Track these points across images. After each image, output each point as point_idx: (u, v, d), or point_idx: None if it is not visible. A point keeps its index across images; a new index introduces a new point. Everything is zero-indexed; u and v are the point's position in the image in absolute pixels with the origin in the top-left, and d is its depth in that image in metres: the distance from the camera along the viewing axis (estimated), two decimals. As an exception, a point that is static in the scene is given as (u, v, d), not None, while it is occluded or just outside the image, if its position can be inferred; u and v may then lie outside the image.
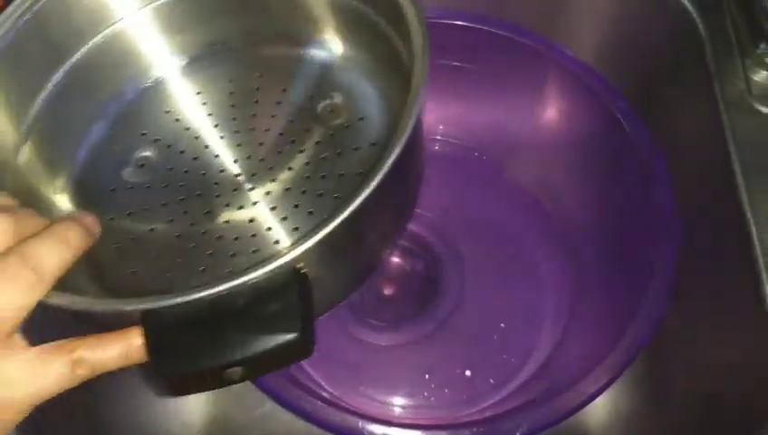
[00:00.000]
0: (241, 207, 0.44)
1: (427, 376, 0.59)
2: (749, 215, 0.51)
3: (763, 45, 0.55)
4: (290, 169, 0.45)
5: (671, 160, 0.61)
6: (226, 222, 0.43)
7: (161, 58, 0.50)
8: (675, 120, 0.62)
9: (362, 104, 0.46)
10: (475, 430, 0.45)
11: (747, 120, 0.54)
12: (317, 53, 0.49)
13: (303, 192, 0.43)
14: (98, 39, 0.47)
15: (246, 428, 0.45)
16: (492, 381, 0.59)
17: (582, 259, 0.61)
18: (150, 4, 0.48)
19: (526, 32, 0.58)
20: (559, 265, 0.63)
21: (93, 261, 0.41)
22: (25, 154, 0.44)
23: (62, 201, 0.46)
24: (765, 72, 0.56)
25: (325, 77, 0.48)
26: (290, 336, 0.31)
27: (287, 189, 0.44)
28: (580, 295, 0.59)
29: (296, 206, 0.43)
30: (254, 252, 0.42)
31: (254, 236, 0.42)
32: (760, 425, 0.47)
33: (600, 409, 0.60)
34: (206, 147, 0.47)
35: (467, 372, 0.59)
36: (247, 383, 0.45)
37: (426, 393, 0.58)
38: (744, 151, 0.53)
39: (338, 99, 0.47)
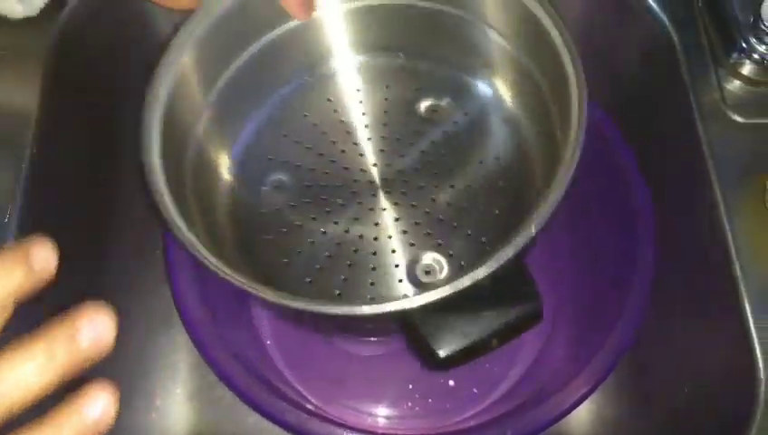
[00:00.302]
0: (376, 224, 0.48)
1: (410, 386, 0.59)
2: (725, 223, 0.51)
3: (735, 55, 0.56)
4: (425, 190, 0.49)
5: (647, 171, 0.62)
6: (361, 236, 0.47)
7: (330, 57, 0.53)
8: (650, 130, 0.63)
9: (499, 144, 0.50)
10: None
11: (722, 129, 0.55)
12: (475, 84, 0.52)
13: (440, 219, 0.48)
14: (279, 31, 0.50)
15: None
16: (475, 390, 0.59)
17: (563, 266, 0.62)
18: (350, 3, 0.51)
19: None
20: (539, 272, 0.63)
21: (254, 255, 0.46)
22: (205, 124, 0.48)
23: (227, 184, 0.50)
24: (739, 81, 0.56)
25: (473, 110, 0.51)
26: (534, 304, 0.38)
27: (423, 208, 0.48)
28: (561, 301, 0.60)
29: (428, 232, 0.47)
30: (396, 266, 0.46)
31: (394, 252, 0.47)
32: (740, 430, 0.47)
33: (584, 417, 0.61)
34: (333, 161, 0.50)
35: (450, 382, 0.59)
36: (232, 396, 0.46)
37: (410, 403, 0.59)
38: (720, 160, 0.53)
39: (477, 132, 0.51)
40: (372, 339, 0.59)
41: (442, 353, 0.37)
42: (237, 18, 0.47)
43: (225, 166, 0.50)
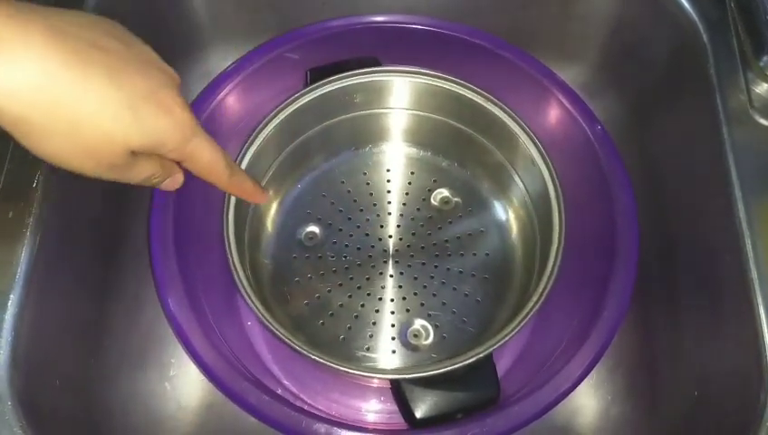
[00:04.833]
0: (382, 287, 0.58)
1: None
2: (745, 227, 0.51)
3: (765, 58, 0.55)
4: (426, 267, 0.58)
5: (669, 170, 0.62)
6: (369, 294, 0.57)
7: (373, 141, 0.64)
8: (675, 130, 0.62)
9: (492, 244, 0.60)
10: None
11: (747, 133, 0.54)
12: (485, 197, 0.62)
13: (434, 295, 0.57)
14: (340, 118, 0.60)
15: (240, 413, 0.46)
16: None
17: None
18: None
19: (513, 48, 0.59)
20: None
21: (295, 316, 0.56)
22: (266, 182, 0.59)
23: (271, 227, 0.60)
24: (767, 84, 0.56)
25: (477, 211, 0.62)
26: (493, 394, 0.47)
27: (422, 282, 0.58)
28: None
29: (422, 303, 0.57)
30: (392, 326, 0.56)
31: (392, 313, 0.57)
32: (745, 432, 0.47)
33: (591, 415, 0.61)
34: (358, 226, 0.60)
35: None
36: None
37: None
38: (743, 163, 0.53)
39: (477, 229, 0.60)
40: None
41: (418, 415, 0.46)
42: (311, 110, 0.57)
43: (273, 213, 0.61)
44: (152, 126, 0.38)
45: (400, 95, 0.59)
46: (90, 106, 0.36)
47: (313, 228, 0.60)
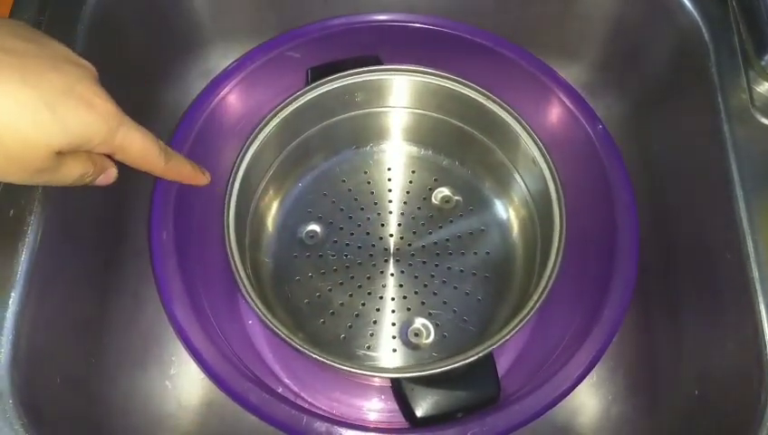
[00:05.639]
0: (383, 286, 0.58)
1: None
2: (745, 226, 0.51)
3: (767, 57, 0.55)
4: (427, 266, 0.58)
5: (670, 170, 0.62)
6: (370, 293, 0.57)
7: (373, 140, 0.64)
8: (676, 129, 0.62)
9: (492, 243, 0.60)
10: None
11: (748, 131, 0.54)
12: (486, 195, 0.62)
13: (435, 293, 0.57)
14: (340, 117, 0.60)
15: (241, 412, 0.46)
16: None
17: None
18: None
19: (514, 46, 0.58)
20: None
21: (296, 314, 0.57)
22: (266, 180, 0.59)
23: (272, 226, 0.61)
24: (768, 84, 0.56)
25: (477, 209, 0.62)
26: (493, 393, 0.47)
27: (423, 281, 0.58)
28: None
29: (423, 302, 0.57)
30: (393, 325, 0.56)
31: (393, 312, 0.57)
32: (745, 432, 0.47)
33: (591, 414, 0.61)
34: (359, 225, 0.60)
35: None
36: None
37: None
38: (744, 162, 0.53)
39: (477, 228, 0.61)
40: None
41: (418, 414, 0.46)
42: (312, 109, 0.57)
43: (273, 212, 0.61)
44: (75, 122, 0.37)
45: (401, 94, 0.59)
46: (6, 112, 0.34)
47: (314, 227, 0.60)
